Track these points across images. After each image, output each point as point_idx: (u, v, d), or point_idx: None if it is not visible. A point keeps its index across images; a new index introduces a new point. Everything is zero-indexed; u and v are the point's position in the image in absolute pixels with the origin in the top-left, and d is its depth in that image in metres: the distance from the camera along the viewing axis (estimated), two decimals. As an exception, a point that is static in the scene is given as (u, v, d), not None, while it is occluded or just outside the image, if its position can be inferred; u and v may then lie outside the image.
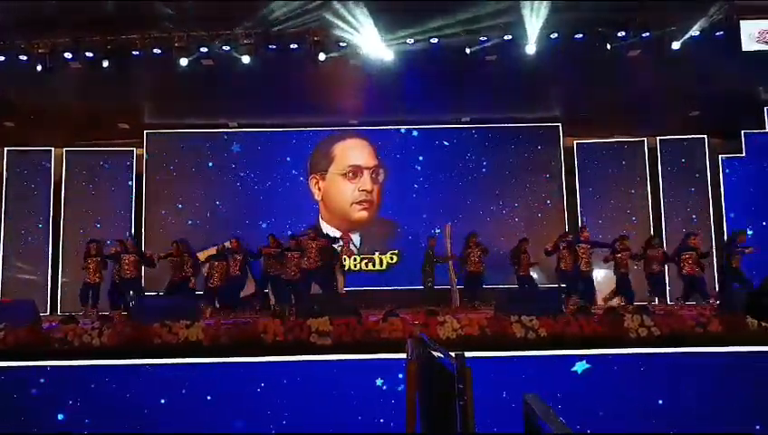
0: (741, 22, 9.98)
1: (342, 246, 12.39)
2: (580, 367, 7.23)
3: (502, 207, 12.95)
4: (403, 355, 3.67)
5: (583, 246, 10.73)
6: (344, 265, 11.49)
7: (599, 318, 7.70)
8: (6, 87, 11.13)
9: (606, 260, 10.78)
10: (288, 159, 13.15)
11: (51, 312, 11.93)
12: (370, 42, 10.08)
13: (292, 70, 10.59)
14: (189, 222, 12.79)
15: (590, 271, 10.81)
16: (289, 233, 11.12)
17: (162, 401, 7.18)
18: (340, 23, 9.71)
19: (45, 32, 10.06)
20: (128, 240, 10.78)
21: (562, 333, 7.34)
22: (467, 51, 10.21)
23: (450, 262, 11.08)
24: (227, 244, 10.80)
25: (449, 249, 11.15)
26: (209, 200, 12.96)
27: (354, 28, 9.85)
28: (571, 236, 11.05)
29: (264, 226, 12.54)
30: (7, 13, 9.52)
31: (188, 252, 10.64)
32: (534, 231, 12.71)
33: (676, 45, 10.14)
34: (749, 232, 10.93)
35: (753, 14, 10.05)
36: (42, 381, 7.16)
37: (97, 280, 10.33)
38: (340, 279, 10.90)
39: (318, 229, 11.51)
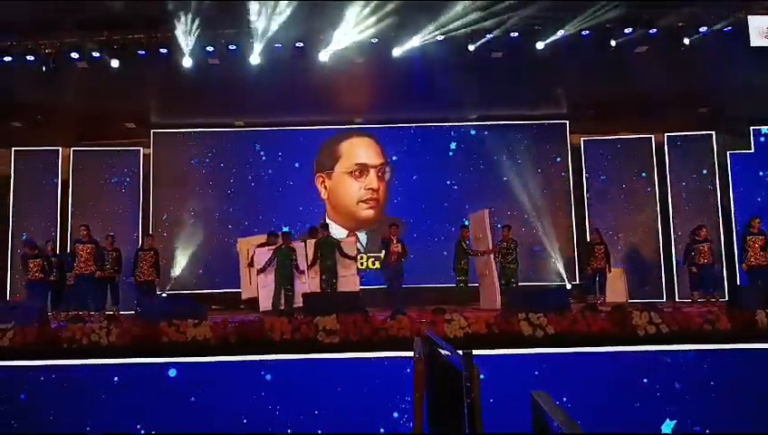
0: (749, 17, 9.89)
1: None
2: (668, 427, 7.13)
3: (508, 204, 12.86)
4: (410, 353, 3.67)
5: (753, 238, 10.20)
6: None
7: (606, 315, 7.68)
8: (13, 87, 11.16)
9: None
10: (294, 157, 13.13)
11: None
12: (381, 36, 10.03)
13: (298, 68, 10.57)
14: (196, 220, 12.80)
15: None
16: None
17: (168, 400, 7.21)
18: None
19: (51, 32, 10.07)
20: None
21: (570, 330, 7.33)
22: (472, 47, 10.16)
23: (492, 255, 10.37)
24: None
25: (491, 240, 10.46)
26: (216, 199, 12.97)
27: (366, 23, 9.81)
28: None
29: (269, 223, 12.52)
30: (14, 13, 9.54)
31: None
32: (541, 228, 12.71)
33: (684, 41, 10.08)
34: None
35: (761, 9, 9.97)
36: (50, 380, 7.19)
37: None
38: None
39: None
